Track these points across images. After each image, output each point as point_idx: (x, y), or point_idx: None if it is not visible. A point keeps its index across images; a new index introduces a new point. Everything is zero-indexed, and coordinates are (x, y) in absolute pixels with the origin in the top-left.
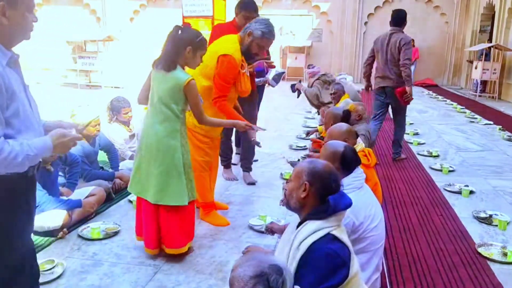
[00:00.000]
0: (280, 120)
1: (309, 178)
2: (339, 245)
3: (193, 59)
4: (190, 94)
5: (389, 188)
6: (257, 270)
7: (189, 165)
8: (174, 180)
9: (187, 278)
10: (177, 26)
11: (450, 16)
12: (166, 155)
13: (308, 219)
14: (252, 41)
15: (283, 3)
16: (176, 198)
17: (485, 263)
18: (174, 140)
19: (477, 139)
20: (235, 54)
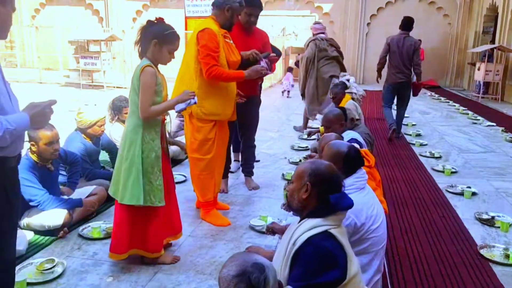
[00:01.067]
0: (282, 121)
1: (311, 179)
2: (334, 244)
3: (160, 53)
4: (141, 81)
5: (391, 189)
6: (239, 269)
7: (151, 166)
8: (132, 179)
9: (187, 278)
10: (149, 20)
11: (453, 17)
12: (129, 151)
13: (308, 217)
14: (232, 14)
15: (285, 3)
16: (131, 197)
17: (487, 265)
18: (136, 135)
19: (479, 141)
20: (211, 27)
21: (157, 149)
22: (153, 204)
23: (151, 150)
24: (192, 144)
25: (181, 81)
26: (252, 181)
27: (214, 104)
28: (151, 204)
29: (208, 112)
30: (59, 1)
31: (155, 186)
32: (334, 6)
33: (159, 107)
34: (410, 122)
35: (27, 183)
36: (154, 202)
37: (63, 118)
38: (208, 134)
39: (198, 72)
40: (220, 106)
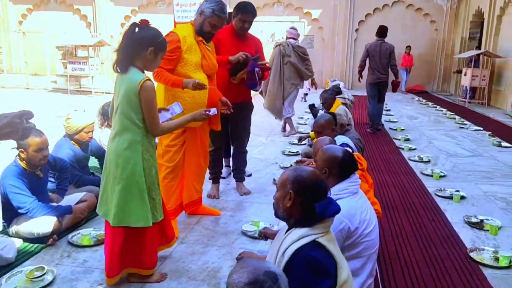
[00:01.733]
0: (272, 126)
1: (293, 187)
2: (323, 253)
3: (154, 61)
4: (143, 98)
5: (381, 193)
6: (252, 277)
7: (152, 182)
8: (135, 199)
9: (179, 285)
10: (134, 23)
11: (440, 24)
12: (125, 170)
13: (295, 226)
14: (204, 19)
15: (275, 9)
16: (137, 218)
17: (477, 267)
18: (134, 153)
19: (467, 145)
20: (178, 31)
21: (156, 163)
22: (157, 220)
23: (151, 167)
24: (158, 149)
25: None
26: (244, 187)
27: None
28: (155, 220)
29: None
30: (47, 6)
31: (157, 202)
32: (323, 12)
33: (170, 124)
34: (399, 126)
35: (15, 190)
36: (158, 218)
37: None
38: (172, 141)
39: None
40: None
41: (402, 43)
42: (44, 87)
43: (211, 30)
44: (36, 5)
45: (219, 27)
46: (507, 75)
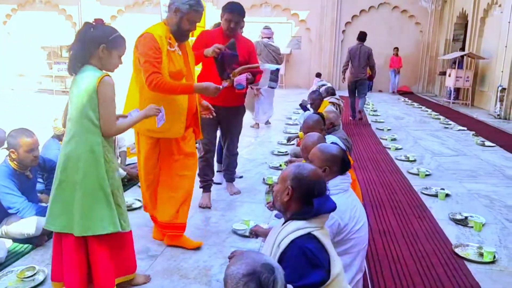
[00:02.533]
0: (262, 127)
1: (293, 183)
2: (317, 245)
3: (109, 59)
4: (101, 93)
5: (369, 192)
6: (250, 269)
7: (117, 187)
8: (100, 205)
9: (171, 283)
10: (87, 23)
11: (425, 26)
12: (88, 174)
13: (291, 219)
14: (181, 17)
15: (262, 10)
16: (105, 225)
17: (462, 263)
18: (95, 155)
19: (451, 145)
20: (152, 31)
21: (117, 167)
22: (125, 230)
23: (114, 170)
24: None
25: (129, 92)
26: (234, 187)
27: (176, 114)
28: (122, 230)
29: (149, 128)
30: (32, 6)
31: (123, 209)
32: (310, 13)
33: (123, 123)
34: (386, 127)
35: (6, 190)
36: (125, 228)
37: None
38: (150, 153)
39: (140, 84)
40: (166, 122)
41: (388, 44)
42: (29, 88)
43: (190, 28)
44: (21, 5)
45: (198, 22)
46: (490, 76)
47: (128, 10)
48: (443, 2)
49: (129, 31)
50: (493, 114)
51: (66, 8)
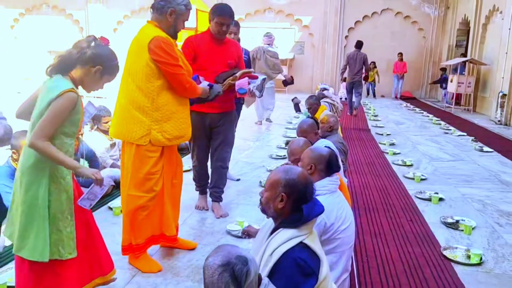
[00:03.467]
0: (261, 131)
1: (286, 190)
2: (309, 254)
3: (96, 81)
4: (53, 104)
5: (363, 195)
6: (225, 260)
7: (61, 210)
8: (34, 227)
9: (164, 281)
10: (92, 36)
11: (428, 31)
12: (29, 191)
13: (282, 226)
14: (176, 18)
15: (266, 16)
16: (32, 251)
17: (449, 264)
18: (39, 172)
19: (450, 150)
20: (162, 35)
21: (69, 188)
22: (62, 257)
23: (61, 191)
24: (133, 179)
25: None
26: (220, 208)
27: (177, 125)
28: (59, 257)
29: (172, 136)
30: (39, 11)
31: (64, 235)
32: (313, 19)
33: (53, 151)
34: (385, 131)
35: (7, 189)
36: (63, 255)
37: None
38: (153, 167)
39: (154, 92)
40: (184, 126)
41: (391, 50)
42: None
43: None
44: (28, 9)
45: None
46: (492, 82)
47: (134, 15)
48: (446, 8)
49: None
50: (494, 120)
51: (73, 13)
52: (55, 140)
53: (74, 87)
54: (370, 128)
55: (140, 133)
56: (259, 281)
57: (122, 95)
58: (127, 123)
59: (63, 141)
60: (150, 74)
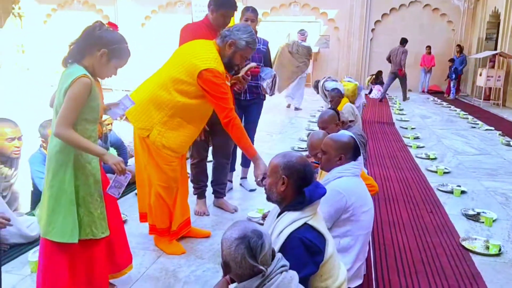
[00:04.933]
0: (284, 123)
1: (286, 172)
2: (314, 234)
3: (105, 66)
4: (69, 91)
5: (384, 187)
6: (241, 233)
7: (90, 193)
8: (62, 210)
9: (187, 262)
10: (99, 21)
11: (457, 24)
12: (56, 177)
13: (287, 210)
14: (235, 52)
15: (291, 9)
16: (61, 233)
17: (467, 254)
18: (65, 158)
19: (476, 144)
20: (218, 68)
21: (96, 171)
22: (96, 236)
23: (88, 175)
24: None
25: (152, 101)
26: (228, 202)
27: (179, 138)
28: (93, 236)
29: (168, 145)
30: (70, 7)
31: (96, 216)
32: (339, 12)
33: (78, 139)
34: (410, 125)
35: (41, 175)
36: (97, 234)
37: None
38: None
39: (179, 103)
40: (184, 142)
41: (419, 43)
42: None
43: (240, 63)
44: (60, 5)
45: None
46: None
47: (162, 10)
48: (476, 1)
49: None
50: None
51: (103, 9)
52: (77, 126)
53: (87, 73)
54: (394, 121)
55: (143, 124)
56: (273, 255)
57: (147, 91)
58: (138, 111)
59: (85, 127)
60: (188, 92)
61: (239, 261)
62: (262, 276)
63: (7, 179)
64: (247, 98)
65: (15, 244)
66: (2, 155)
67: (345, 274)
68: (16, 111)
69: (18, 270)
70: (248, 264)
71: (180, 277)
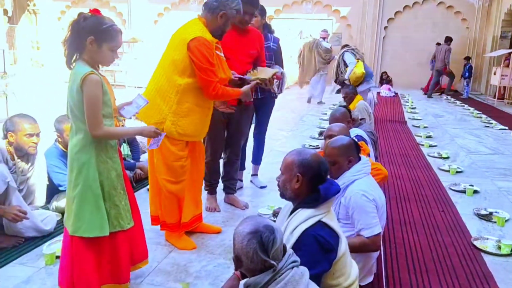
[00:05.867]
0: (295, 121)
1: (300, 170)
2: (329, 231)
3: (99, 53)
4: (84, 93)
5: (395, 186)
6: (253, 228)
7: (113, 187)
8: (89, 206)
9: (198, 257)
10: (81, 13)
11: (471, 22)
12: (80, 175)
13: (300, 207)
14: (227, 21)
15: (303, 7)
16: (92, 227)
17: (478, 254)
18: (87, 155)
19: (489, 143)
20: (204, 35)
21: (117, 165)
22: (123, 228)
23: (110, 170)
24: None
25: (157, 92)
26: (239, 198)
27: (192, 124)
28: (120, 228)
29: (183, 132)
30: (84, 3)
31: (121, 208)
32: (351, 10)
33: (116, 130)
34: (422, 124)
35: (56, 169)
36: (124, 226)
37: None
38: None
39: (181, 86)
40: (199, 126)
41: (433, 41)
42: None
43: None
44: (74, 2)
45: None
46: None
47: (174, 7)
48: None
49: (174, 28)
50: None
51: (116, 6)
52: None
53: (92, 70)
54: (406, 120)
55: (156, 119)
56: (284, 251)
57: (153, 83)
58: (148, 108)
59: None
60: (184, 70)
61: (251, 255)
62: (273, 271)
63: (23, 173)
64: (258, 97)
65: (29, 237)
66: (20, 150)
67: (357, 272)
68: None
69: (33, 263)
70: (260, 258)
71: (191, 272)
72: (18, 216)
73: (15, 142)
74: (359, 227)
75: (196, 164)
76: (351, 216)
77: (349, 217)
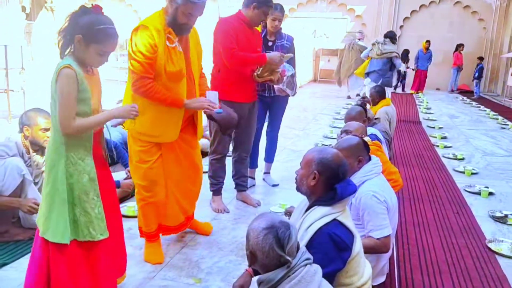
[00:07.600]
0: (308, 120)
1: (318, 168)
2: (344, 230)
3: (86, 53)
4: (57, 87)
5: (409, 187)
6: (269, 223)
7: (85, 192)
8: (55, 209)
9: (210, 253)
10: (83, 6)
11: (488, 22)
12: (50, 175)
13: (316, 204)
14: (176, 8)
15: (318, 5)
16: (54, 233)
17: (493, 256)
18: (57, 156)
19: (505, 145)
20: (149, 23)
21: (90, 169)
22: (94, 238)
23: (82, 172)
24: (131, 165)
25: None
26: (251, 196)
27: (149, 121)
28: (91, 238)
29: (142, 131)
30: (101, 1)
31: (93, 216)
32: (367, 8)
33: (87, 121)
34: (437, 125)
35: None
36: (95, 236)
37: None
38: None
39: (129, 85)
40: (159, 126)
41: (449, 41)
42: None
43: (187, 21)
44: None
45: (198, 15)
46: None
47: None
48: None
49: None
50: None
51: (132, 3)
52: None
53: (70, 64)
54: (421, 120)
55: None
56: (297, 248)
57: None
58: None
59: None
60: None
61: (266, 250)
62: (287, 268)
63: (38, 167)
64: (271, 95)
65: None
66: (35, 144)
67: (370, 272)
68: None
69: None
70: (276, 254)
71: (202, 268)
72: (33, 208)
73: (31, 136)
74: (369, 228)
75: (180, 164)
76: (361, 217)
77: (359, 217)
